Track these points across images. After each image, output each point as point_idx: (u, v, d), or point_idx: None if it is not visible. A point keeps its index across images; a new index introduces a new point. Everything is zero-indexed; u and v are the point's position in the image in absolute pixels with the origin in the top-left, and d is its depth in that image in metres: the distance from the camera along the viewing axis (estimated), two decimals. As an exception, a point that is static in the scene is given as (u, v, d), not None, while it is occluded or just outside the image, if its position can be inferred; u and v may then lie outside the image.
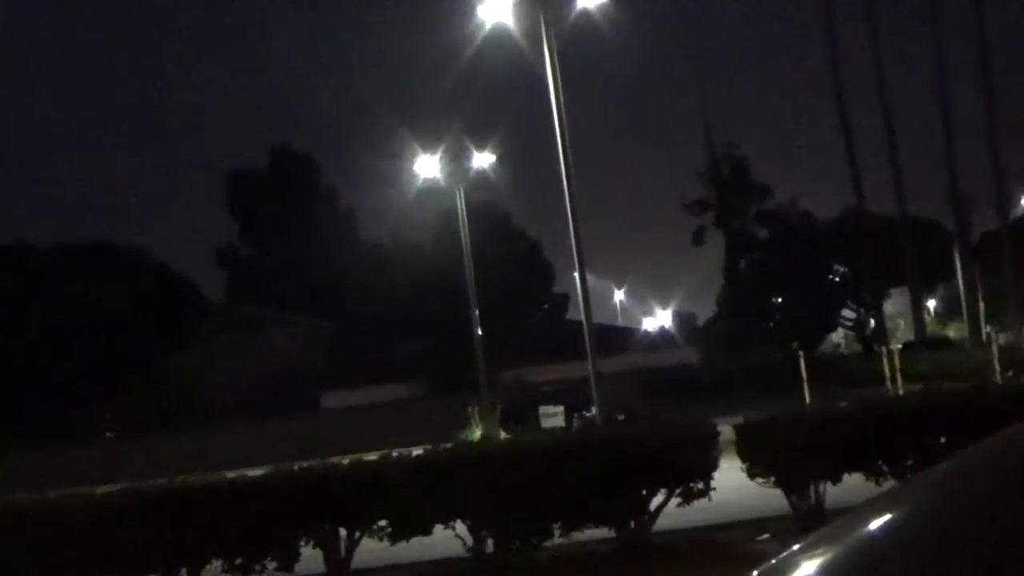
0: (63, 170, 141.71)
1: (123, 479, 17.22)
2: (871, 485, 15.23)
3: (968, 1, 66.18)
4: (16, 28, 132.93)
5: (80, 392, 77.13)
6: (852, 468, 15.71)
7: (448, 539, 15.54)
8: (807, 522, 14.45)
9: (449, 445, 17.88)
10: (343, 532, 15.62)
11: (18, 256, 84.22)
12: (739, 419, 16.78)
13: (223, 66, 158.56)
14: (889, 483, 15.13)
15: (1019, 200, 78.96)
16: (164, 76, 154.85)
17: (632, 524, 15.74)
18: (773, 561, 3.04)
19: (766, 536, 15.34)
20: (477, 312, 54.27)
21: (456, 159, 58.23)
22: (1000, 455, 3.06)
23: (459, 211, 55.27)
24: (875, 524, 2.91)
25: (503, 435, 39.17)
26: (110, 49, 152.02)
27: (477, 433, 43.11)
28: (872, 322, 79.85)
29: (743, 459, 16.20)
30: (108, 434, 77.52)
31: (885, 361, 41.90)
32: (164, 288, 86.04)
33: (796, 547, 3.06)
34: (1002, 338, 52.37)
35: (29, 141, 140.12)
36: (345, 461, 16.38)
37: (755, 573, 3.02)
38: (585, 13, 35.03)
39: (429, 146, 59.46)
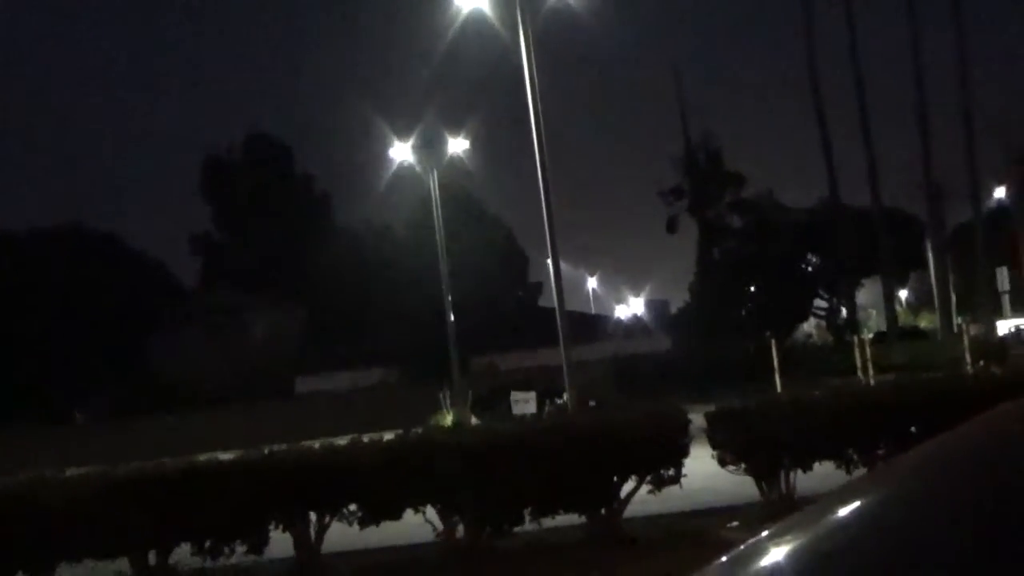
0: (36, 155, 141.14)
1: (94, 463, 17.13)
2: (841, 473, 15.28)
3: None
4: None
5: (53, 376, 76.85)
6: (823, 457, 15.76)
7: (418, 524, 15.52)
8: (777, 510, 14.48)
9: (420, 431, 17.86)
10: (313, 516, 15.60)
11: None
12: (711, 407, 16.81)
13: (198, 52, 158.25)
14: (860, 472, 15.17)
15: (992, 193, 79.30)
16: (139, 61, 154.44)
17: (603, 511, 15.75)
18: (742, 547, 3.03)
19: (736, 523, 15.37)
20: (450, 298, 54.31)
21: (430, 145, 58.23)
22: (971, 443, 3.05)
23: (433, 197, 55.26)
24: (845, 511, 2.90)
25: (474, 421, 39.21)
26: (87, 36, 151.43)
27: (448, 419, 43.15)
28: (844, 312, 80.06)
29: (714, 447, 16.24)
30: (78, 416, 77.37)
31: (857, 351, 42.03)
32: (138, 274, 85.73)
33: (765, 534, 3.04)
34: (973, 329, 52.63)
35: (2, 125, 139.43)
36: (316, 446, 16.34)
37: (724, 559, 3.01)
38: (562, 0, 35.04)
39: (404, 132, 59.44)
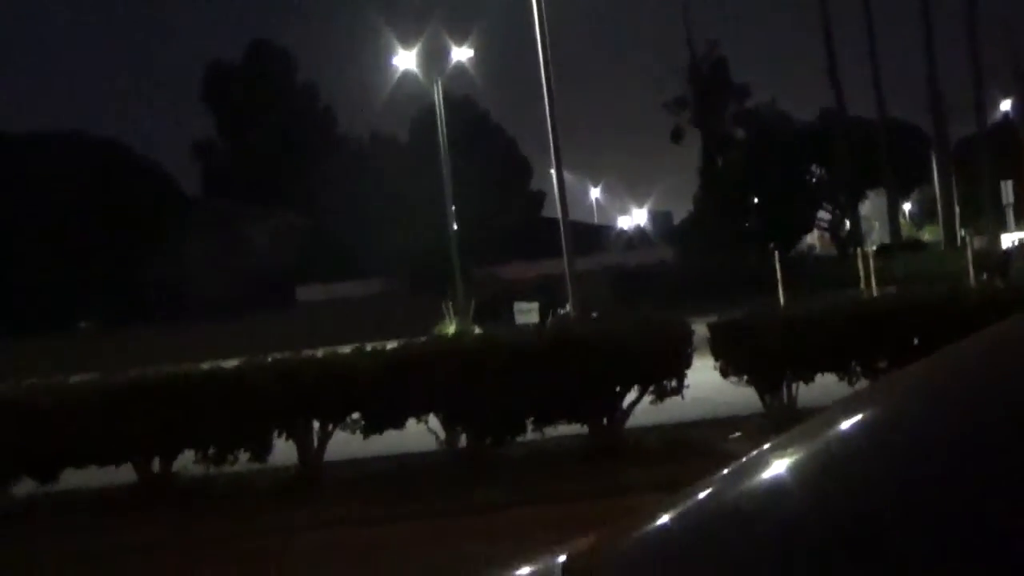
0: (38, 59, 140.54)
1: (98, 370, 17.17)
2: (844, 385, 15.32)
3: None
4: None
5: (55, 283, 77.00)
6: (825, 368, 15.79)
7: (421, 433, 15.60)
8: (779, 421, 14.55)
9: (423, 340, 17.89)
10: (316, 425, 15.67)
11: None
12: (714, 318, 16.83)
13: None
14: (862, 384, 15.21)
15: (997, 106, 79.02)
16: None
17: (605, 421, 15.81)
18: (744, 460, 3.03)
19: (738, 434, 15.45)
20: (453, 208, 54.23)
21: (434, 53, 57.93)
22: (975, 356, 3.05)
23: (436, 106, 55.02)
24: (848, 423, 2.90)
25: (477, 331, 39.31)
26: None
27: (451, 328, 43.24)
28: (847, 224, 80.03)
29: (717, 358, 16.27)
30: (82, 324, 77.55)
31: (860, 263, 42.07)
32: (141, 181, 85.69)
33: (768, 446, 3.04)
34: (977, 242, 52.61)
35: (4, 30, 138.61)
36: (319, 354, 16.38)
37: (727, 471, 3.01)
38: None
39: (408, 40, 59.12)
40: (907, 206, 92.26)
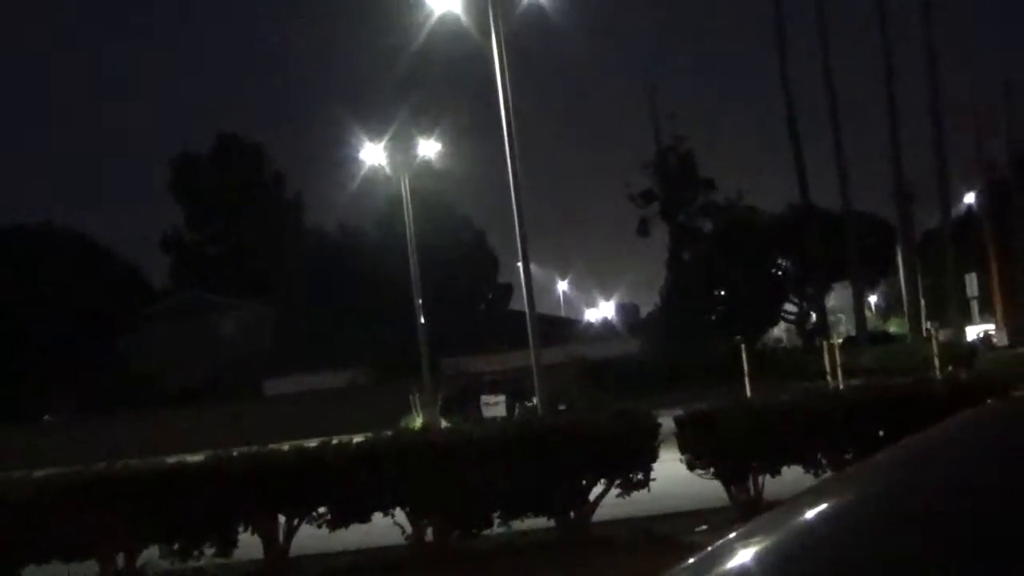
0: (5, 152, 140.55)
1: (63, 463, 17.08)
2: (810, 477, 15.32)
3: (917, 3, 66.80)
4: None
5: (22, 375, 76.49)
6: (791, 461, 15.80)
7: (388, 527, 15.51)
8: (746, 514, 14.51)
9: (390, 433, 17.86)
10: (282, 519, 15.56)
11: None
12: (680, 411, 16.84)
13: (170, 52, 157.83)
14: (828, 476, 15.22)
15: (961, 199, 79.65)
16: (111, 60, 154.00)
17: (572, 514, 15.76)
18: (709, 549, 3.04)
19: (704, 527, 15.40)
20: (420, 300, 54.26)
21: (402, 147, 58.22)
22: (937, 446, 3.07)
23: (404, 199, 55.23)
24: (810, 513, 2.92)
25: (444, 423, 39.21)
26: (56, 33, 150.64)
27: (418, 421, 43.14)
28: (814, 316, 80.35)
29: (683, 451, 16.26)
30: (46, 418, 76.99)
31: (826, 355, 42.21)
32: (108, 272, 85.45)
33: (731, 535, 3.05)
34: (942, 334, 52.82)
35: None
36: (285, 448, 16.32)
37: (691, 561, 3.02)
38: (535, 3, 35.18)
39: (376, 134, 59.43)
40: (873, 298, 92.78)
